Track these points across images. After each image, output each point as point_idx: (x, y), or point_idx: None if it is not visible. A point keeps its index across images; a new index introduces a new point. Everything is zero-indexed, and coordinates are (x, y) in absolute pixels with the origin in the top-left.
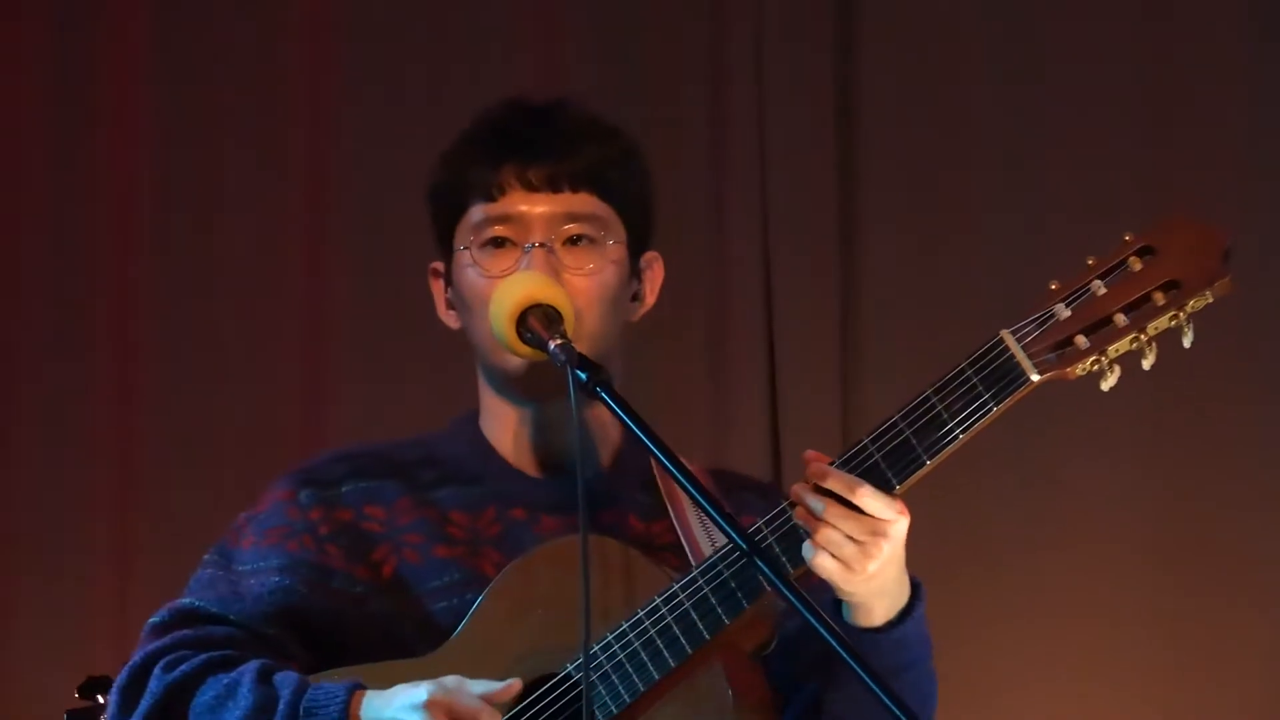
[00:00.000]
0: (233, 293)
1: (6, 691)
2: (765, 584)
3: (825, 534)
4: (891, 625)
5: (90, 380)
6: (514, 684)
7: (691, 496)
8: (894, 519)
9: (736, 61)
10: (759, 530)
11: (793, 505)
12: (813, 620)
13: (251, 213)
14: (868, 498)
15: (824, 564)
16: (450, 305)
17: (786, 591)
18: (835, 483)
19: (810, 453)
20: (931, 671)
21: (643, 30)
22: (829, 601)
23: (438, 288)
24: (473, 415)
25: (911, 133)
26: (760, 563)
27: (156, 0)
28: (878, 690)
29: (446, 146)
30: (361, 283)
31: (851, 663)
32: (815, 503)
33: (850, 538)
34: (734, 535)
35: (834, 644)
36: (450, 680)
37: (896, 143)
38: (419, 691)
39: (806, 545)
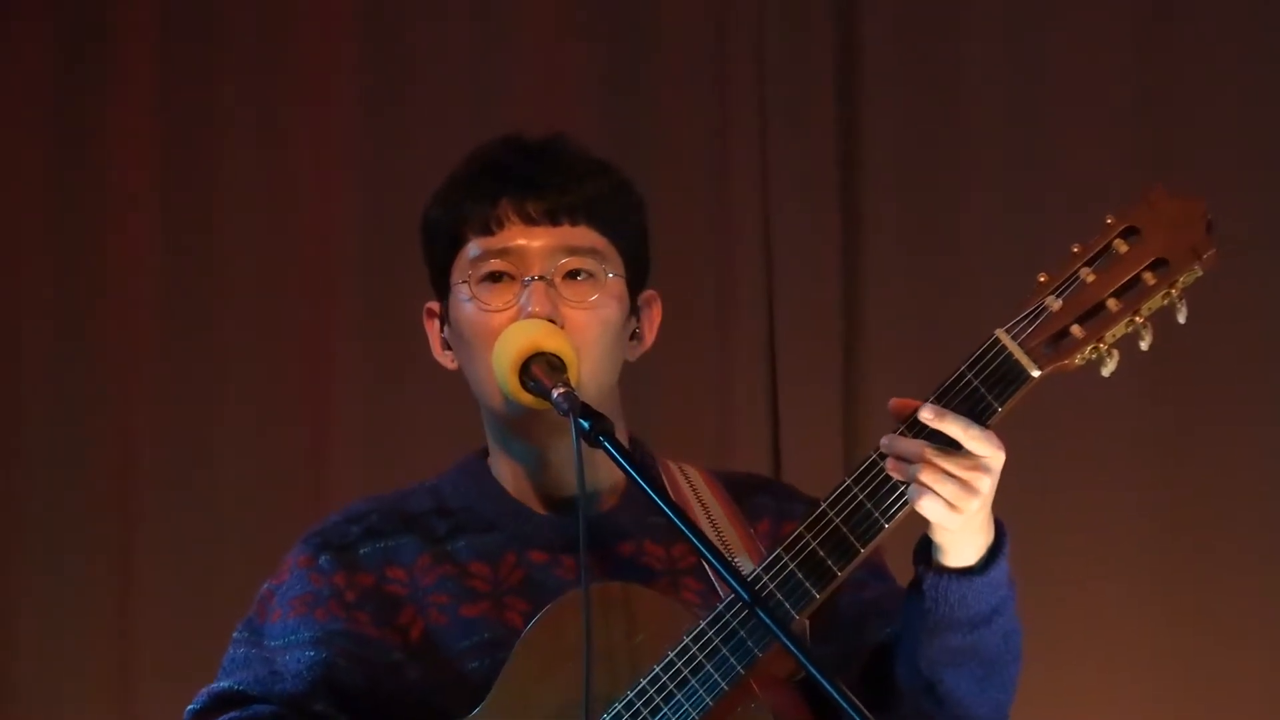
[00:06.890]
0: (237, 301)
1: None
2: (798, 606)
3: (930, 474)
4: (984, 565)
5: (93, 402)
6: None
7: (697, 549)
8: (995, 454)
9: (736, 56)
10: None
11: (882, 457)
12: (806, 662)
13: (257, 221)
14: (975, 435)
15: (930, 504)
16: (446, 345)
17: (785, 639)
18: (951, 422)
19: (897, 400)
20: (1017, 615)
21: (648, 22)
22: (922, 544)
23: (433, 328)
24: (477, 456)
25: (913, 128)
26: (762, 614)
27: (163, 6)
28: None
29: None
30: (370, 309)
31: (843, 703)
32: (912, 446)
33: (954, 475)
34: (738, 587)
35: (828, 688)
36: None
37: (898, 140)
38: None
39: (911, 488)
